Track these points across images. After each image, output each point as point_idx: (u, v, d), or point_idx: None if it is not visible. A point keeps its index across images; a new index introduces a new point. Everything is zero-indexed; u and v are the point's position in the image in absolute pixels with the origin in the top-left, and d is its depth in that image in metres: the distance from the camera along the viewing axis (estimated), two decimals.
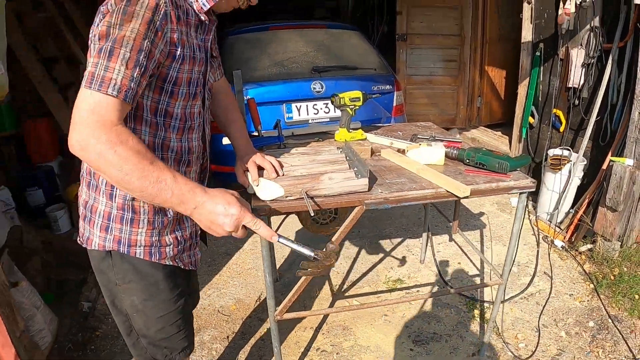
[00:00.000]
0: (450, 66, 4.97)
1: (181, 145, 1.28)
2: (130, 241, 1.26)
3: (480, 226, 3.53)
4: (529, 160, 2.00)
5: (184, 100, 1.23)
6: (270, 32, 3.77)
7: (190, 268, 1.45)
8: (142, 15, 1.02)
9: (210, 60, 1.39)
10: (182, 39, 1.15)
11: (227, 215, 1.05)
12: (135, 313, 1.35)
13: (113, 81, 0.99)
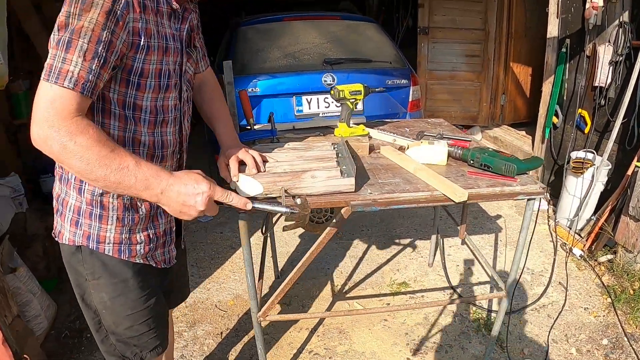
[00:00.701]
0: (474, 61, 4.77)
1: (153, 139, 1.22)
2: (99, 237, 1.22)
3: (496, 230, 3.37)
4: (541, 163, 1.85)
5: (154, 93, 1.16)
6: (284, 23, 3.68)
7: (162, 266, 1.39)
8: (102, 5, 0.97)
9: (187, 50, 1.31)
10: (148, 29, 1.08)
11: (197, 194, 1.06)
12: (104, 309, 1.31)
13: (70, 74, 0.97)
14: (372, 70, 3.50)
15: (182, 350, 2.33)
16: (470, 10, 4.59)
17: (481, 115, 4.94)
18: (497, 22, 4.57)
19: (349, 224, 3.49)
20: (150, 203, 1.25)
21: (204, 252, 3.27)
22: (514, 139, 4.63)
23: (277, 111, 3.38)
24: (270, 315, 1.83)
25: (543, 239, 3.22)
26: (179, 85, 1.27)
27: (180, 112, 1.31)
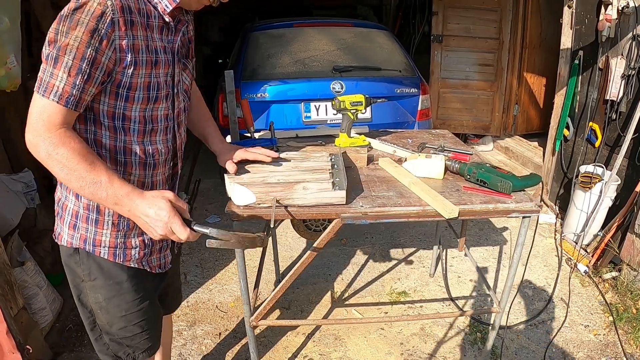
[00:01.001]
0: (487, 71, 4.73)
1: (143, 147, 1.26)
2: (95, 241, 1.27)
3: (501, 242, 3.34)
4: (538, 181, 1.83)
5: (142, 104, 1.20)
6: (294, 29, 3.71)
7: (157, 271, 1.43)
8: (86, 24, 1.02)
9: (184, 62, 1.36)
10: (136, 44, 1.12)
11: (157, 220, 1.10)
12: (99, 310, 1.36)
13: (56, 88, 1.04)
14: (381, 79, 3.51)
15: (181, 349, 2.37)
16: (485, 19, 4.55)
17: (493, 125, 4.89)
18: (512, 32, 4.53)
19: (353, 232, 3.51)
20: None
21: (209, 253, 3.31)
22: (525, 149, 4.58)
23: (286, 117, 3.41)
24: (263, 320, 1.86)
25: (548, 253, 3.19)
26: (171, 96, 1.30)
27: (174, 122, 1.35)
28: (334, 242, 3.42)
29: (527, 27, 4.55)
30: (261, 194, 1.52)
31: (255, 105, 3.41)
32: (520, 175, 1.76)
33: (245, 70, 3.54)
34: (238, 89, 3.45)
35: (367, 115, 3.50)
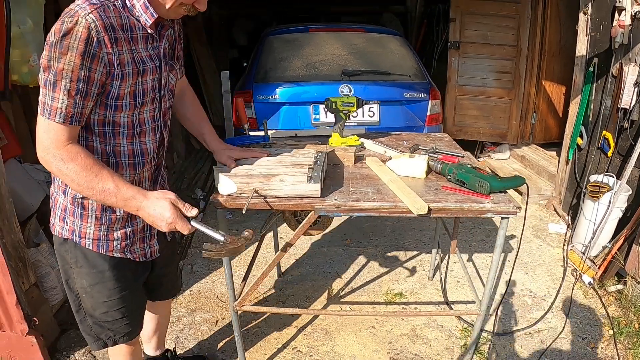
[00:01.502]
0: (504, 78, 4.67)
1: (132, 149, 1.38)
2: (80, 233, 1.39)
3: (506, 250, 3.30)
4: (521, 183, 1.83)
5: (129, 110, 1.32)
6: (309, 34, 3.80)
7: (141, 260, 1.53)
8: (77, 48, 1.12)
9: (171, 63, 1.47)
10: (122, 59, 1.23)
11: (162, 219, 1.26)
12: (84, 294, 1.48)
13: (59, 110, 1.16)
14: (390, 83, 3.55)
15: (179, 333, 2.48)
16: (503, 26, 4.51)
17: (510, 133, 4.82)
18: (530, 39, 4.47)
19: (358, 233, 3.55)
20: None
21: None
22: (540, 158, 4.49)
23: (295, 118, 3.50)
24: (246, 306, 1.95)
25: (554, 263, 3.13)
26: (158, 99, 1.41)
27: (161, 122, 1.46)
28: (337, 241, 3.47)
29: (546, 34, 4.48)
30: (242, 184, 1.61)
31: (266, 106, 3.53)
32: (502, 177, 1.77)
33: (258, 73, 3.66)
34: (250, 90, 3.58)
35: (375, 119, 3.55)
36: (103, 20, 1.15)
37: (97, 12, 1.14)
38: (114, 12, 1.19)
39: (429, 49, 6.45)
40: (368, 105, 3.53)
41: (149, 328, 1.95)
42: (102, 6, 1.16)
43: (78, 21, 1.11)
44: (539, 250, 3.31)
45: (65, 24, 1.11)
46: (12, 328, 2.02)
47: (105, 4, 1.18)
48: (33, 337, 2.03)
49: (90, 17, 1.12)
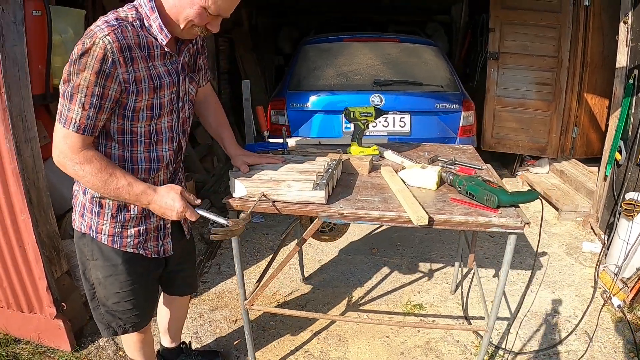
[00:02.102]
0: (545, 90, 4.53)
1: (149, 155, 1.49)
2: (97, 229, 1.52)
3: (536, 267, 3.21)
4: (534, 197, 1.79)
5: (146, 122, 1.43)
6: (344, 44, 3.86)
7: (154, 256, 1.64)
8: (92, 66, 1.24)
9: (191, 75, 1.57)
10: (137, 76, 1.34)
11: (172, 210, 1.41)
12: (98, 285, 1.61)
13: (73, 120, 1.29)
14: (422, 93, 3.56)
15: (198, 328, 2.59)
16: (543, 36, 4.38)
17: (550, 147, 4.65)
18: (571, 50, 4.30)
19: (386, 242, 3.56)
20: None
21: (246, 249, 3.54)
22: (579, 174, 4.32)
23: (326, 127, 3.57)
24: (256, 305, 2.02)
25: (584, 283, 3.02)
26: (176, 110, 1.52)
27: (179, 131, 1.57)
28: (364, 250, 3.49)
29: (588, 45, 4.31)
30: (251, 188, 1.70)
31: (299, 114, 3.62)
32: (514, 191, 1.76)
33: (292, 81, 3.76)
34: (284, 98, 3.69)
35: (406, 129, 3.56)
36: (119, 41, 1.26)
37: (114, 33, 1.25)
38: (131, 32, 1.30)
39: (473, 59, 6.36)
40: (399, 116, 3.55)
41: (165, 321, 2.06)
42: (120, 27, 1.27)
43: (95, 42, 1.23)
44: (569, 269, 3.19)
45: (84, 44, 1.23)
46: (42, 311, 2.20)
47: (123, 25, 1.29)
48: (61, 321, 2.20)
49: (107, 38, 1.23)
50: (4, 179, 1.93)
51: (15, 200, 1.96)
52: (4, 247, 2.09)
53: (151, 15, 1.33)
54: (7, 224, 2.02)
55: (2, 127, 1.82)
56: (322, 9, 7.64)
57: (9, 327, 2.33)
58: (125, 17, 1.31)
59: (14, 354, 2.24)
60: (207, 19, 1.34)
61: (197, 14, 1.30)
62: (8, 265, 2.14)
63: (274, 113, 3.69)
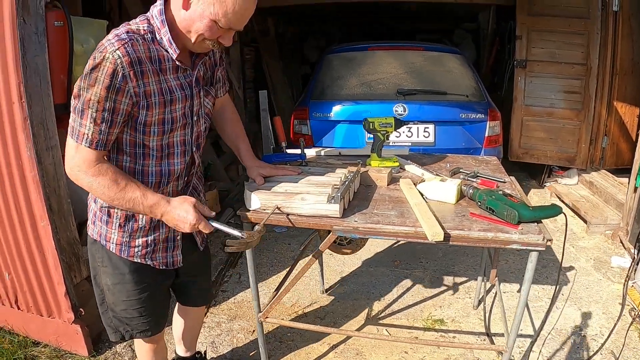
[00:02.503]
0: (573, 98, 4.38)
1: (160, 169, 1.50)
2: (106, 237, 1.53)
3: (562, 282, 3.10)
4: (557, 212, 1.71)
5: (158, 136, 1.43)
6: (368, 52, 3.84)
7: (162, 268, 1.63)
8: (102, 81, 1.25)
9: (206, 89, 1.56)
10: (147, 90, 1.33)
11: (185, 222, 1.39)
12: (107, 291, 1.62)
13: (85, 135, 1.29)
14: (446, 103, 3.49)
15: (215, 338, 2.59)
16: (571, 43, 4.26)
17: (579, 157, 4.50)
18: (600, 57, 4.16)
19: (408, 254, 3.49)
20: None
21: (267, 258, 3.54)
22: (609, 185, 4.15)
23: (349, 137, 3.54)
24: (270, 318, 2.00)
25: (612, 300, 2.89)
26: (189, 124, 1.51)
27: (192, 145, 1.56)
28: (386, 262, 3.44)
29: (618, 52, 4.15)
30: (265, 200, 1.68)
31: (322, 123, 3.61)
32: (536, 206, 1.69)
33: (315, 90, 3.76)
34: (307, 107, 3.68)
35: (431, 140, 3.51)
36: (129, 55, 1.26)
37: (124, 47, 1.25)
38: (142, 46, 1.30)
39: (501, 67, 6.24)
40: (423, 126, 3.50)
41: (180, 331, 2.06)
42: (131, 41, 1.28)
43: (105, 57, 1.23)
44: (597, 284, 3.07)
45: (95, 59, 1.24)
46: (60, 316, 2.24)
47: (134, 38, 1.29)
48: (78, 326, 2.23)
49: (117, 53, 1.24)
50: (25, 186, 1.98)
51: (36, 207, 2.01)
52: (25, 253, 2.14)
53: (161, 29, 1.33)
54: (27, 230, 2.07)
55: (22, 136, 1.86)
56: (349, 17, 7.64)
57: (29, 330, 2.38)
58: (136, 30, 1.32)
59: (32, 356, 2.29)
60: (218, 32, 1.32)
61: (207, 27, 1.29)
62: (28, 270, 2.18)
63: (297, 122, 3.69)
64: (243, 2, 1.26)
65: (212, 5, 1.25)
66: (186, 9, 1.29)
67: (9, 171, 1.98)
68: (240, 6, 1.26)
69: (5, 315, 2.42)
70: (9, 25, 1.72)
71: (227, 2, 1.24)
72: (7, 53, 1.76)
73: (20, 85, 1.78)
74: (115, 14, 4.00)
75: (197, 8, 1.27)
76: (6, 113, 1.86)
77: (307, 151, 2.36)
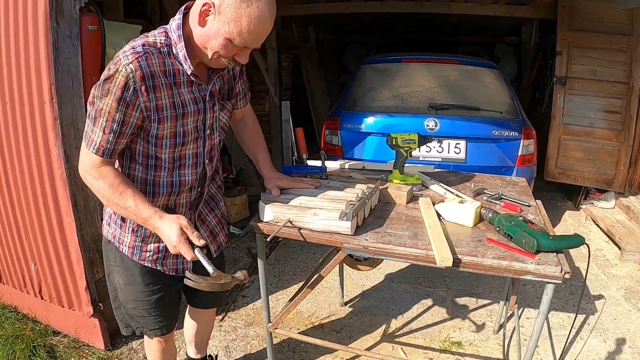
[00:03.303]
0: (613, 118, 4.18)
1: (172, 180, 1.52)
2: (119, 240, 1.58)
3: (590, 312, 2.96)
4: (579, 243, 1.63)
5: (170, 149, 1.45)
6: (402, 64, 3.79)
7: (171, 274, 1.65)
8: (114, 93, 1.29)
9: (222, 103, 1.57)
10: (159, 104, 1.36)
11: (169, 242, 1.37)
12: (119, 289, 1.67)
13: (94, 142, 1.35)
14: (479, 119, 3.41)
15: (230, 342, 2.62)
16: (613, 60, 4.09)
17: (617, 180, 4.27)
18: None
19: (433, 272, 3.42)
20: None
21: (290, 267, 3.55)
22: None
23: (379, 149, 3.50)
24: (280, 329, 2.01)
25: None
26: (202, 137, 1.53)
27: (204, 158, 1.58)
28: (410, 279, 3.38)
29: None
30: (278, 213, 1.68)
31: (352, 135, 3.60)
32: (557, 235, 1.62)
33: (347, 101, 3.75)
34: (338, 118, 3.67)
35: (462, 156, 3.43)
36: (142, 69, 1.29)
37: (138, 61, 1.28)
38: (157, 59, 1.33)
39: (542, 83, 6.06)
40: (455, 141, 3.43)
41: (191, 333, 2.09)
42: (145, 54, 1.30)
43: (119, 69, 1.27)
44: (626, 316, 2.91)
45: (109, 70, 1.28)
46: (80, 308, 2.32)
47: (149, 51, 1.31)
48: (97, 320, 2.31)
49: (130, 67, 1.27)
50: (53, 183, 2.06)
51: (62, 203, 2.09)
52: (50, 247, 2.22)
53: (177, 44, 1.35)
54: (53, 224, 2.16)
55: (52, 134, 1.94)
56: (388, 28, 7.59)
57: (50, 319, 2.49)
58: (153, 43, 1.34)
59: (51, 345, 2.38)
60: (233, 50, 1.33)
61: (222, 45, 1.30)
62: (53, 263, 2.27)
63: (328, 133, 3.69)
64: (258, 22, 1.27)
65: (227, 24, 1.26)
66: (202, 26, 1.30)
67: (39, 168, 2.07)
68: (255, 26, 1.27)
69: (29, 303, 2.53)
70: (43, 28, 1.80)
71: (242, 22, 1.25)
72: (40, 55, 1.84)
73: (51, 86, 1.86)
74: (157, 17, 4.12)
75: (213, 26, 1.28)
76: (38, 112, 1.95)
77: (330, 163, 2.36)
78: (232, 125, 1.87)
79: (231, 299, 3.03)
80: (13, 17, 1.95)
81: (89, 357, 2.34)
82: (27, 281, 2.47)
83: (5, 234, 2.47)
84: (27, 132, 2.07)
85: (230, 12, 1.24)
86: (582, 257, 3.52)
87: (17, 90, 2.03)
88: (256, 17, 1.25)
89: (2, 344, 2.34)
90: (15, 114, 2.08)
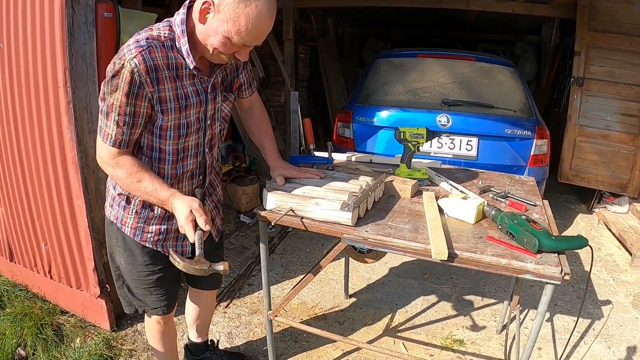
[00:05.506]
0: (630, 122, 4.08)
1: (175, 172, 1.59)
2: (122, 221, 1.63)
3: (596, 317, 2.92)
4: (583, 244, 1.60)
5: (174, 140, 1.51)
6: (417, 59, 3.76)
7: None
8: (122, 88, 1.34)
9: (225, 94, 1.61)
10: (162, 96, 1.41)
11: (179, 222, 1.43)
12: (122, 268, 1.72)
13: (110, 136, 1.41)
14: (492, 117, 3.37)
15: (233, 329, 2.66)
16: (632, 63, 3.99)
17: (631, 185, 4.18)
18: None
19: (440, 268, 3.41)
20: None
21: (297, 257, 3.58)
22: None
23: (390, 143, 3.49)
24: (280, 317, 2.03)
25: None
26: (202, 128, 1.58)
27: (204, 147, 1.63)
28: (416, 274, 3.38)
29: None
30: (281, 201, 1.70)
31: (364, 128, 3.60)
32: (559, 235, 1.61)
33: (361, 94, 3.74)
34: (351, 111, 3.67)
35: (473, 153, 3.41)
36: (146, 63, 1.33)
37: (141, 55, 1.32)
38: (160, 53, 1.36)
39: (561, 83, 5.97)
40: (466, 138, 3.40)
41: (192, 316, 2.13)
42: (149, 47, 1.34)
43: (124, 64, 1.31)
44: (633, 323, 2.86)
45: (115, 65, 1.32)
46: (87, 289, 2.38)
47: (153, 45, 1.35)
48: (103, 301, 2.37)
49: (134, 61, 1.31)
50: (65, 166, 2.11)
51: (73, 185, 2.14)
52: (60, 227, 2.28)
53: (181, 39, 1.39)
54: (64, 206, 2.21)
55: (65, 118, 1.98)
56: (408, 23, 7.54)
57: (59, 299, 2.55)
58: (157, 36, 1.37)
59: (58, 324, 2.44)
60: (232, 48, 1.36)
61: (220, 43, 1.33)
62: (63, 244, 2.33)
63: (340, 125, 3.70)
64: (257, 21, 1.29)
65: (225, 23, 1.29)
66: (202, 23, 1.34)
67: (52, 150, 2.12)
68: (254, 25, 1.29)
69: (39, 283, 2.60)
70: (59, 14, 1.84)
71: (240, 21, 1.28)
72: (55, 40, 1.89)
73: (65, 71, 1.90)
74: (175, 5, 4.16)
75: (212, 24, 1.31)
76: (52, 96, 2.00)
77: (338, 155, 2.37)
78: (240, 114, 1.91)
79: (237, 287, 3.07)
80: (30, 2, 1.99)
81: (95, 337, 2.40)
82: (38, 261, 2.54)
83: (18, 214, 2.53)
84: (42, 115, 2.12)
85: (228, 11, 1.27)
86: (594, 261, 3.47)
87: (33, 74, 2.08)
88: (255, 17, 1.28)
89: (12, 320, 2.41)
90: (31, 97, 2.13)
